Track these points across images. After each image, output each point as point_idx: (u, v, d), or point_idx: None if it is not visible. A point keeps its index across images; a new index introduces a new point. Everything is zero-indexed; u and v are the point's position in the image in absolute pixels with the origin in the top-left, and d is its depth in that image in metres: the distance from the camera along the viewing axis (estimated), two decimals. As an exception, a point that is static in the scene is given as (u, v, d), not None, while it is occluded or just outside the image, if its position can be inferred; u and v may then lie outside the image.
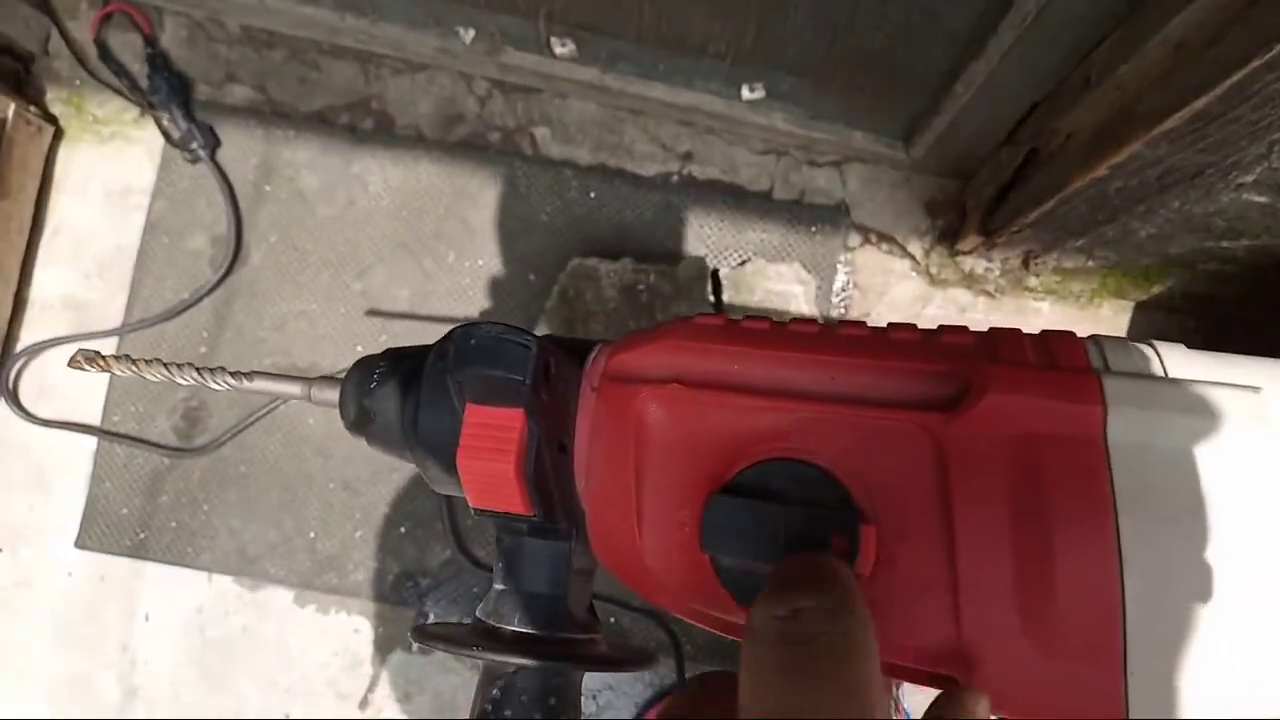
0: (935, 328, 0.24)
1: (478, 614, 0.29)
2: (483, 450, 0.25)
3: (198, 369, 0.31)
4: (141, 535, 0.92)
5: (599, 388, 0.26)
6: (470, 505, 0.27)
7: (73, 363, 0.32)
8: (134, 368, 0.31)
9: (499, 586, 0.29)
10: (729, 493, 0.23)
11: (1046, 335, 0.23)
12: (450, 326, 0.27)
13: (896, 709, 0.88)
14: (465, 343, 0.25)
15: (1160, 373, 0.22)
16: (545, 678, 0.27)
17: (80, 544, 0.92)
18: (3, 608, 0.94)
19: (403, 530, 0.91)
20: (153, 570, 0.93)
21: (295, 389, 0.31)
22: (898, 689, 0.88)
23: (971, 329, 0.23)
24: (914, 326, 0.24)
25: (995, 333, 0.23)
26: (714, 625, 0.25)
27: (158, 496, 0.92)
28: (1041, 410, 0.21)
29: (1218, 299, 0.90)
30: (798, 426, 0.23)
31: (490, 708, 0.27)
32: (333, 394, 0.31)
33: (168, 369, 0.31)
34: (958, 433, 0.21)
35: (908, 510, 0.22)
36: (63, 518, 0.93)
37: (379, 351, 0.30)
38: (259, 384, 0.31)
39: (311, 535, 0.91)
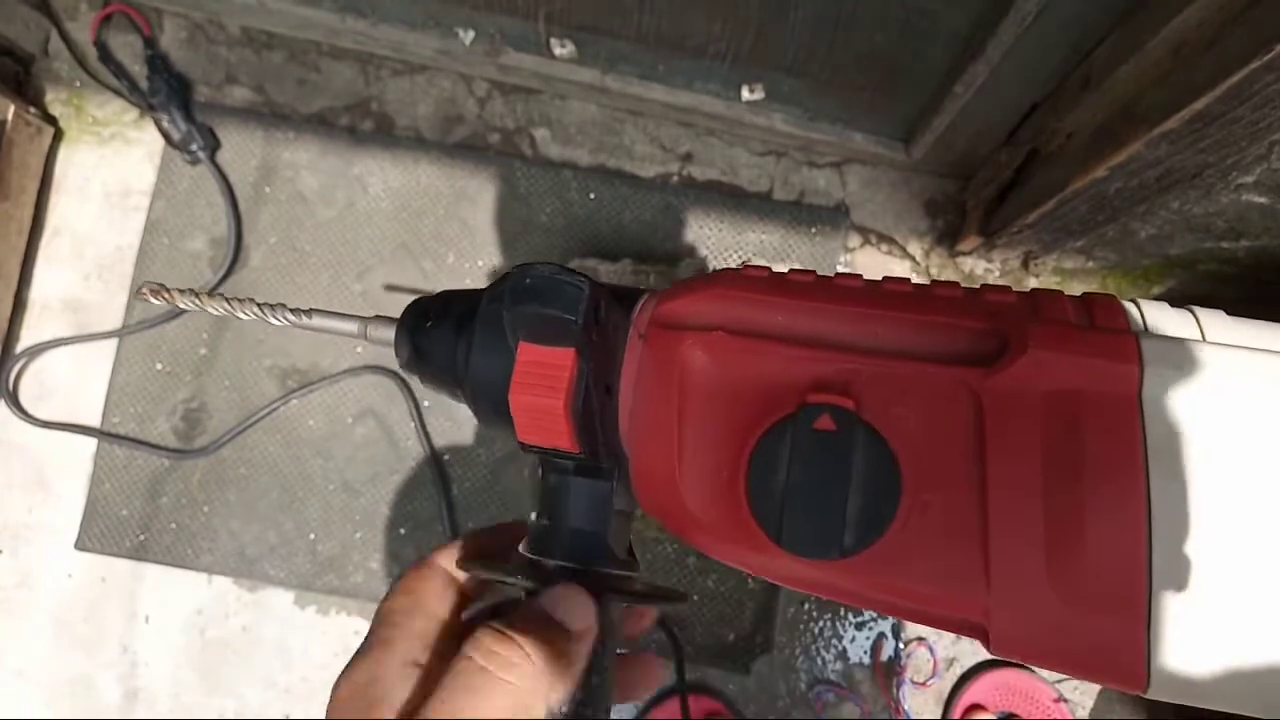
0: (978, 286, 0.24)
1: (520, 548, 0.30)
2: (534, 386, 0.26)
3: (259, 304, 0.32)
4: (141, 537, 0.92)
5: (647, 334, 0.27)
6: (518, 439, 0.28)
7: (139, 295, 0.34)
8: (197, 301, 0.32)
9: (542, 522, 0.30)
10: (771, 436, 0.23)
11: (1088, 297, 0.23)
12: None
13: (897, 710, 0.88)
14: (521, 281, 0.26)
15: (1198, 336, 0.22)
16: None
17: (80, 545, 0.92)
18: (3, 608, 0.94)
19: (403, 532, 0.91)
20: (153, 571, 0.93)
21: (352, 326, 0.32)
22: (898, 689, 0.88)
23: (1014, 289, 0.24)
24: (957, 285, 0.24)
25: (1037, 293, 0.23)
26: (748, 567, 0.25)
27: (158, 498, 0.92)
28: (1078, 368, 0.21)
29: (1218, 299, 0.90)
30: (839, 376, 0.23)
31: None
32: (388, 333, 0.32)
33: (229, 303, 0.32)
34: (996, 387, 0.22)
35: (943, 461, 0.22)
36: (63, 519, 0.93)
37: (434, 292, 0.32)
38: (317, 321, 0.32)
39: (311, 537, 0.91)
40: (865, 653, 0.90)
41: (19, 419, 0.93)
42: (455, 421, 0.92)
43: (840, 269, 0.94)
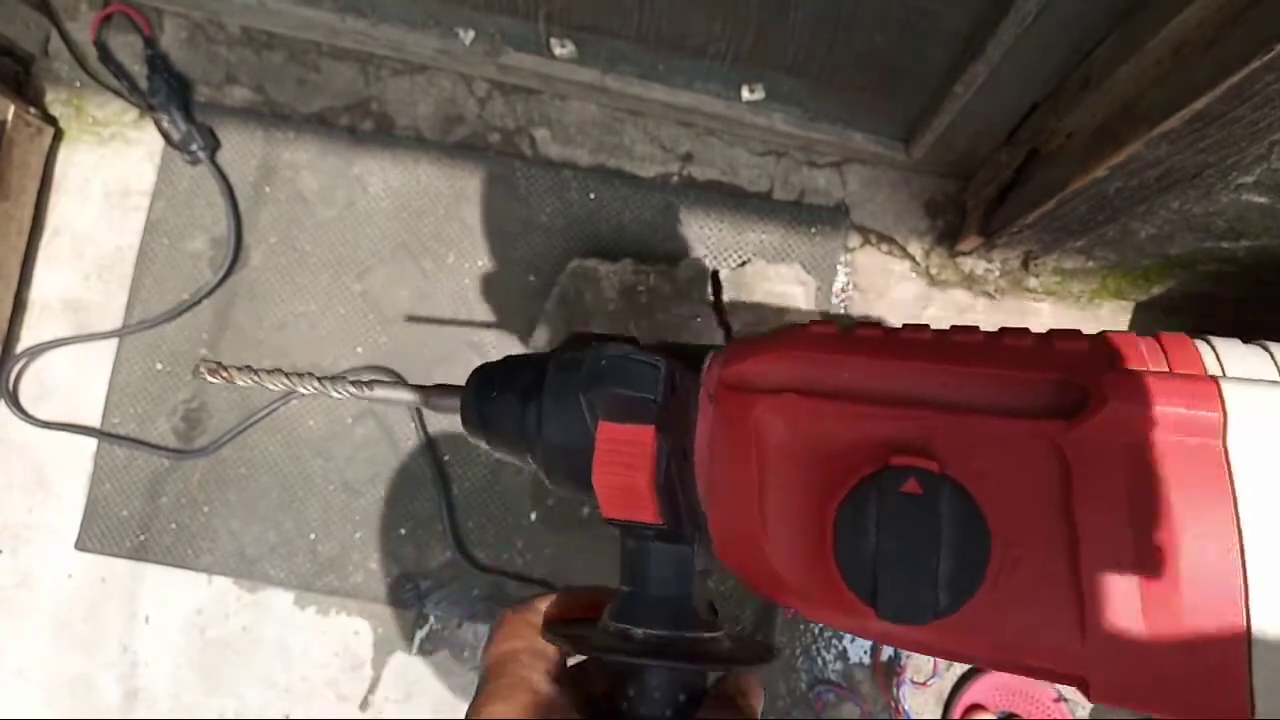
0: (1047, 333, 0.24)
1: (607, 616, 0.30)
2: (617, 466, 0.27)
3: (318, 378, 0.33)
4: (141, 537, 0.92)
5: (717, 397, 0.27)
6: (603, 515, 0.29)
7: (196, 373, 0.34)
8: (255, 378, 0.33)
9: (626, 589, 0.30)
10: (856, 499, 0.23)
11: (1161, 339, 0.23)
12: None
13: (897, 710, 0.88)
14: (597, 364, 0.27)
15: (1276, 376, 0.22)
16: (676, 676, 0.28)
17: (80, 545, 0.92)
18: (3, 608, 0.94)
19: (403, 532, 0.91)
20: (153, 571, 0.93)
21: (413, 396, 0.33)
22: (898, 689, 0.88)
23: (1084, 332, 0.24)
24: (1027, 332, 0.24)
25: (1108, 337, 0.23)
26: (841, 627, 0.26)
27: (158, 498, 0.92)
28: (1162, 417, 0.21)
29: (1218, 299, 0.90)
30: (918, 434, 0.24)
31: (626, 706, 0.28)
32: (452, 401, 0.33)
33: (288, 378, 0.33)
34: (1079, 439, 0.22)
35: (1030, 515, 0.22)
36: (63, 519, 0.93)
37: (496, 359, 0.32)
38: (379, 393, 0.33)
39: (312, 537, 0.91)
40: (865, 653, 0.90)
41: (19, 419, 0.93)
42: (455, 421, 0.92)
43: (840, 269, 0.95)
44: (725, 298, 0.88)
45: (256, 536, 0.91)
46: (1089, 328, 0.85)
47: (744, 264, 0.91)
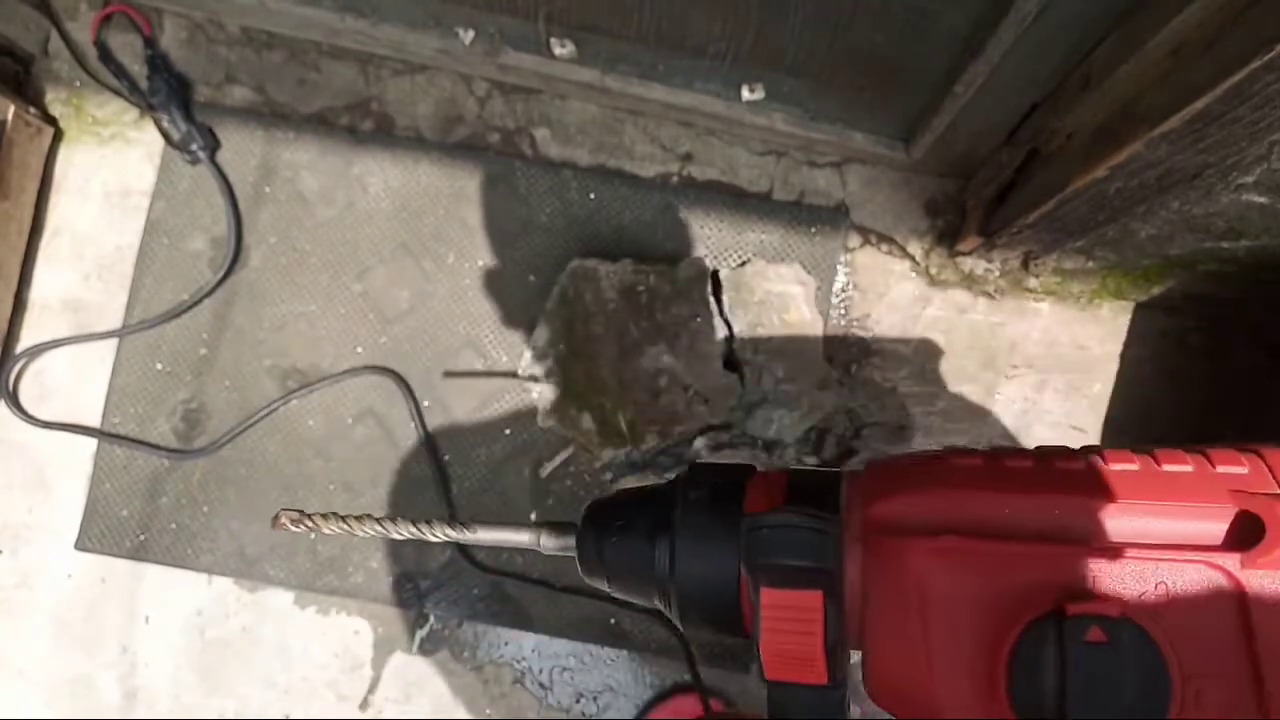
0: (1205, 453, 0.23)
1: None
2: (787, 634, 0.26)
3: (413, 522, 0.31)
4: (141, 537, 0.92)
5: (866, 541, 0.27)
6: (765, 678, 0.28)
7: (277, 524, 0.33)
8: (344, 525, 0.32)
9: None
10: (1029, 641, 0.23)
11: None
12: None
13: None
14: (757, 532, 0.26)
15: None
16: None
17: (80, 546, 0.92)
18: (3, 608, 0.94)
19: (403, 531, 0.91)
20: (153, 572, 0.93)
21: (524, 538, 0.32)
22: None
23: (1240, 453, 0.23)
24: (1182, 455, 0.24)
25: (1267, 457, 0.23)
26: None
27: (158, 498, 0.92)
28: None
29: (1218, 299, 0.90)
30: (1086, 572, 0.23)
31: None
32: (566, 541, 0.32)
33: (380, 524, 0.31)
34: (1256, 571, 0.21)
35: (1209, 647, 0.22)
36: (62, 519, 0.93)
37: (609, 494, 0.32)
38: (483, 534, 0.32)
39: (312, 536, 0.91)
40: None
41: (19, 419, 0.93)
42: (455, 421, 0.92)
43: (840, 269, 0.95)
44: (725, 298, 0.88)
45: (256, 536, 0.91)
46: (1089, 328, 0.85)
47: (744, 264, 0.91)
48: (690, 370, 0.87)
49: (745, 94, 0.85)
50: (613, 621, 0.90)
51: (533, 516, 0.91)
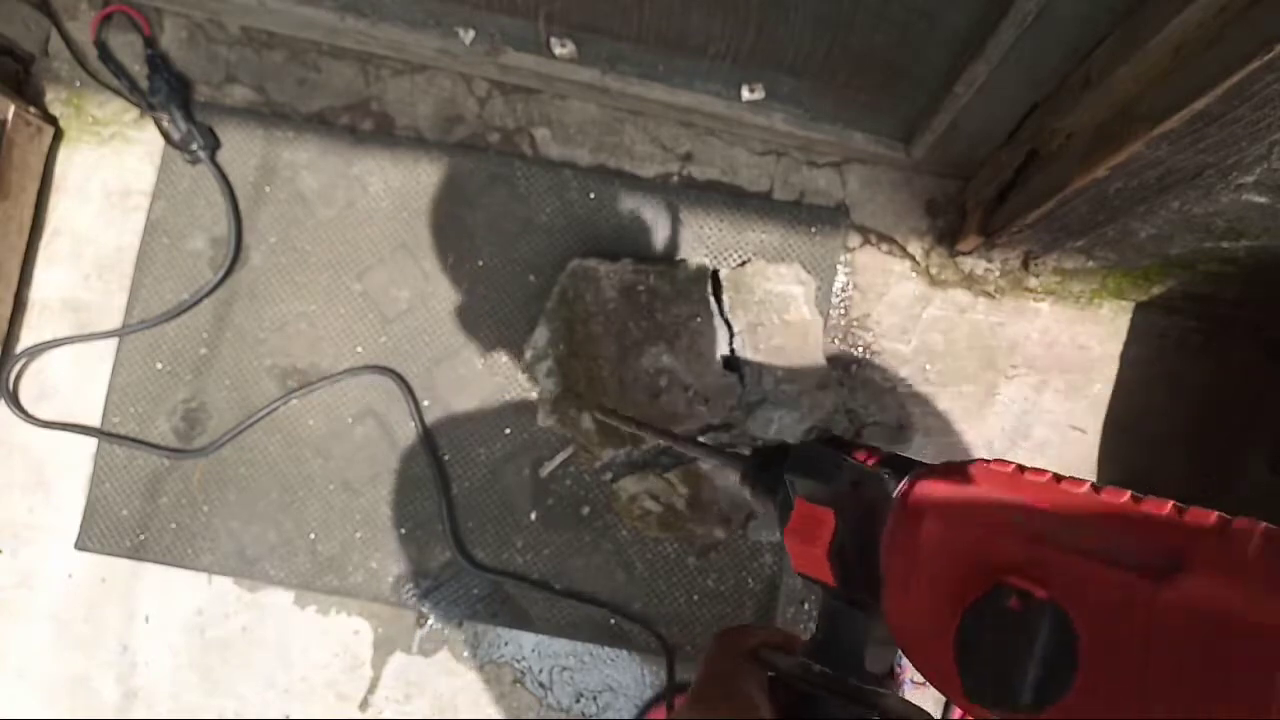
0: (1183, 508, 0.27)
1: (801, 653, 0.38)
2: (802, 534, 0.36)
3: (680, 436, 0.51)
4: (141, 536, 0.92)
5: (900, 508, 0.33)
6: (793, 567, 0.38)
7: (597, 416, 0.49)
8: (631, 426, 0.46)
9: (818, 636, 0.38)
10: (977, 610, 0.28)
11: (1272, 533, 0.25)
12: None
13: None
14: (799, 453, 0.39)
15: None
16: (839, 710, 0.35)
17: (80, 545, 0.92)
18: (3, 608, 0.94)
19: (403, 531, 0.91)
20: (153, 571, 0.93)
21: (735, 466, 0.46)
22: (899, 690, 0.88)
23: (1214, 513, 0.26)
24: (1168, 503, 0.27)
25: (1228, 523, 0.25)
26: (958, 703, 0.30)
27: (158, 498, 0.92)
28: (1237, 595, 0.23)
29: (1218, 299, 0.90)
30: (1037, 562, 0.28)
31: None
32: (737, 466, 0.46)
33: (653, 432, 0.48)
34: (1162, 599, 0.24)
35: (1115, 652, 0.25)
36: (63, 519, 0.93)
37: (774, 444, 0.44)
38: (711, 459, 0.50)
39: (311, 536, 0.91)
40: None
41: (19, 419, 0.93)
42: (455, 421, 0.92)
43: (840, 269, 0.95)
44: (725, 298, 0.88)
45: (256, 536, 0.91)
46: (1089, 328, 0.85)
47: (744, 263, 0.91)
48: (690, 370, 0.87)
49: (745, 94, 0.85)
50: (613, 622, 0.90)
51: (532, 516, 0.91)
